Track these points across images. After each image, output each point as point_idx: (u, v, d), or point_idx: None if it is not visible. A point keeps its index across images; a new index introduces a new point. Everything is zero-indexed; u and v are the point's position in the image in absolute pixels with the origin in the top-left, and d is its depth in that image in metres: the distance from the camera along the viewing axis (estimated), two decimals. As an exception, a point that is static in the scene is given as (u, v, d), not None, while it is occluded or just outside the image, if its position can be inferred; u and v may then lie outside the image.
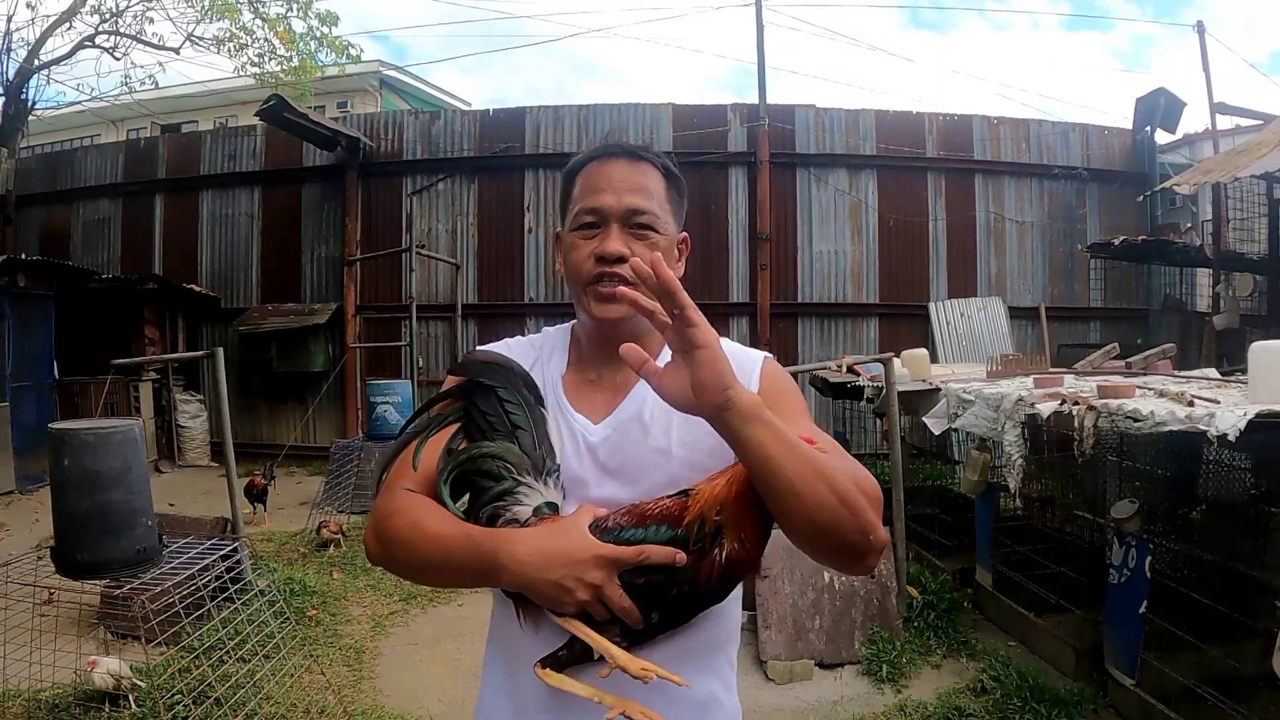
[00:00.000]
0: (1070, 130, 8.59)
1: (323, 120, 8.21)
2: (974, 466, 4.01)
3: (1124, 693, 2.85)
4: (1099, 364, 5.02)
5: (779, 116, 8.12)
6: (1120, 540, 2.93)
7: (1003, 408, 3.32)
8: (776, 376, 0.98)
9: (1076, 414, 2.83)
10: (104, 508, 2.63)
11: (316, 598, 4.06)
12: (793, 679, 3.24)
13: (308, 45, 8.97)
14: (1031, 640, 3.51)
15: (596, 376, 0.98)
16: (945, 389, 4.01)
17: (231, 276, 8.95)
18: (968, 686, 3.12)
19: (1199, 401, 2.54)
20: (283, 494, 6.83)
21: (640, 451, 0.92)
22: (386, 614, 4.01)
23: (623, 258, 0.89)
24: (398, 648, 3.65)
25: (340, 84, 11.19)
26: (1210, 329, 6.89)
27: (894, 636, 3.42)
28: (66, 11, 9.61)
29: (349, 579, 4.45)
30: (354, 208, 8.47)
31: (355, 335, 8.40)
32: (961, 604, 3.88)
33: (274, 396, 8.66)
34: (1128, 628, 2.86)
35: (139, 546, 2.70)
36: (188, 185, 9.07)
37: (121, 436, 2.72)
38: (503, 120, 8.41)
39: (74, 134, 14.09)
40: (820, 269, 8.15)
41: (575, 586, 0.76)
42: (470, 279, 8.30)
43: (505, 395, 0.88)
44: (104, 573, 2.71)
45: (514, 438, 0.86)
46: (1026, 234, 8.41)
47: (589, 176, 0.96)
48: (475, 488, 0.86)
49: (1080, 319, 8.47)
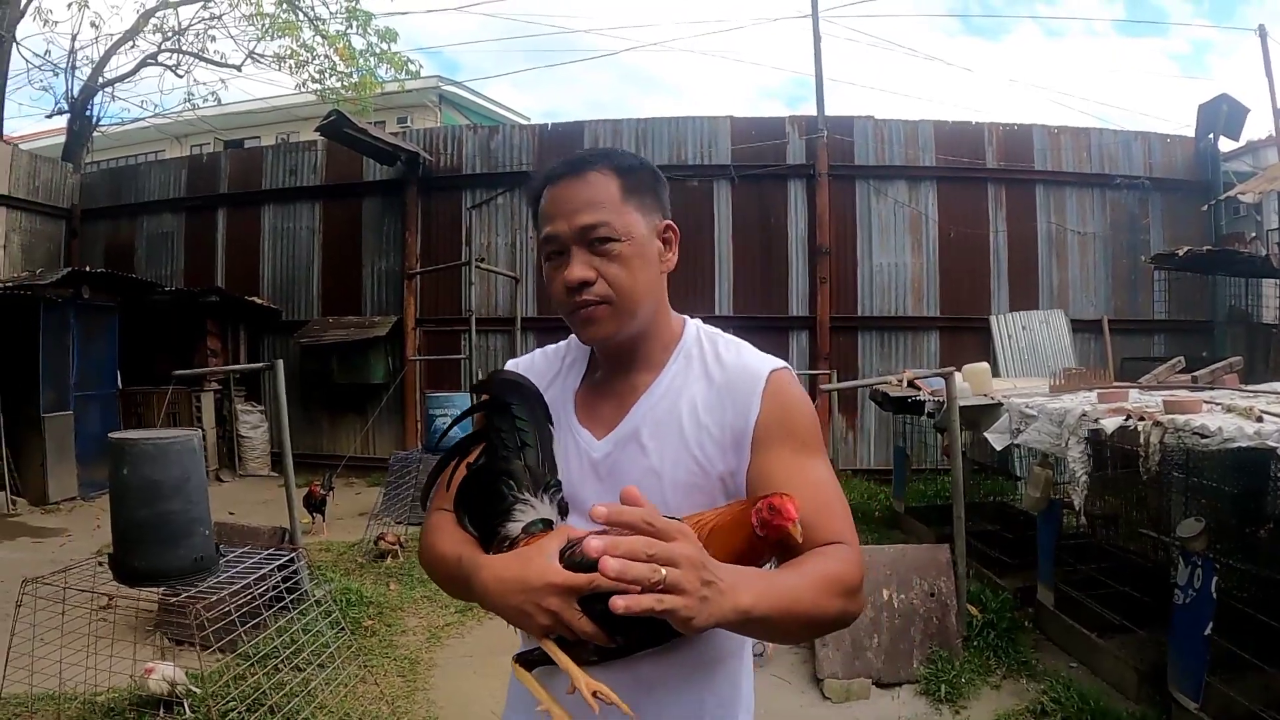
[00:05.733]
0: (1132, 139, 8.47)
1: (383, 135, 8.34)
2: (1036, 483, 3.97)
3: (1187, 716, 2.81)
4: (1164, 378, 4.94)
5: (837, 128, 8.10)
6: (1186, 559, 2.87)
7: (1066, 423, 3.26)
8: (782, 400, 0.93)
9: (1142, 430, 2.76)
10: (162, 517, 2.65)
11: (372, 608, 4.07)
12: (849, 698, 3.21)
13: (367, 61, 9.10)
14: (1093, 661, 3.45)
15: (607, 389, 1.00)
16: (1007, 404, 3.97)
17: (293, 289, 9.11)
18: (1028, 708, 3.07)
19: (1268, 417, 2.48)
20: (341, 504, 6.93)
21: (636, 471, 0.93)
22: (442, 625, 4.01)
23: (586, 282, 0.91)
24: (452, 659, 3.65)
25: (400, 99, 11.36)
26: (1278, 341, 6.74)
27: (953, 656, 3.37)
28: (129, 31, 9.87)
29: (405, 590, 4.46)
30: (413, 222, 8.59)
31: (415, 348, 8.51)
32: (1022, 623, 3.83)
33: (334, 408, 8.80)
34: (1192, 649, 2.81)
35: (196, 555, 2.72)
36: (250, 199, 9.25)
37: (180, 447, 2.73)
38: (561, 134, 8.48)
39: (139, 149, 14.41)
40: (880, 282, 8.11)
41: (534, 612, 0.77)
42: (530, 292, 8.37)
43: (518, 413, 0.91)
44: (161, 580, 2.74)
45: (520, 455, 0.89)
46: (1088, 245, 8.29)
47: (545, 205, 0.96)
48: (482, 505, 0.90)
49: (1144, 331, 8.34)
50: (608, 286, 0.92)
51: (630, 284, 0.93)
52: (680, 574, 0.68)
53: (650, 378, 0.98)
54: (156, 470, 2.67)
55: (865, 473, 7.74)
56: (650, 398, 0.96)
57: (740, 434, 0.92)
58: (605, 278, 0.92)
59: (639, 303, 0.94)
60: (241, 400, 9.14)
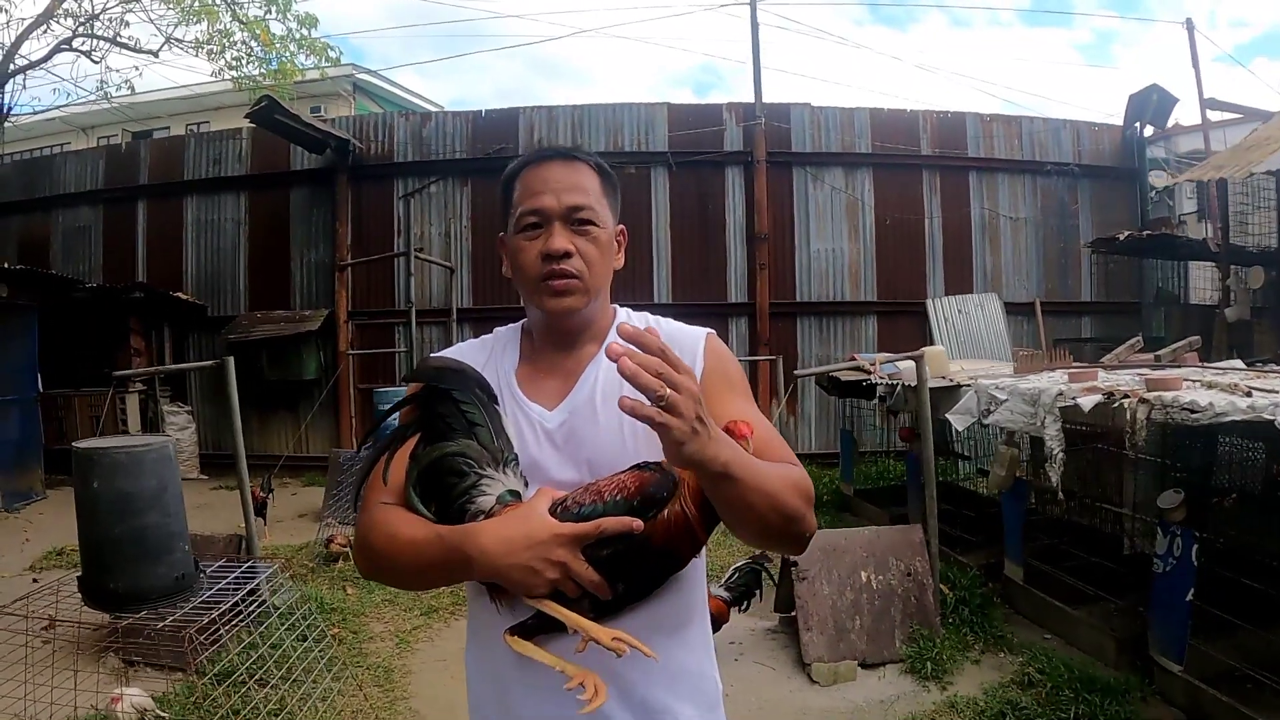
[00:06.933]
0: (1061, 127, 8.65)
1: (315, 122, 8.06)
2: (1003, 462, 4.01)
3: (1171, 679, 2.88)
4: (1125, 357, 5.01)
5: (774, 115, 8.09)
6: (1164, 530, 2.94)
7: (1041, 402, 3.29)
8: (720, 355, 1.04)
9: (1128, 407, 2.78)
10: (139, 532, 2.44)
11: (336, 615, 3.90)
12: (837, 680, 3.21)
13: (286, 48, 8.78)
14: (1068, 632, 3.52)
15: (549, 366, 1.04)
16: (975, 385, 3.98)
17: (218, 284, 8.75)
18: (1012, 680, 3.11)
19: (1256, 392, 2.51)
20: (279, 506, 6.67)
21: (594, 432, 0.97)
22: (409, 629, 3.88)
23: (569, 253, 0.96)
24: (427, 664, 3.51)
25: (314, 88, 10.95)
26: (1221, 321, 6.93)
27: (934, 634, 3.40)
28: (42, 15, 9.34)
29: (364, 594, 4.31)
30: (344, 211, 8.32)
31: (348, 341, 8.25)
32: (993, 599, 3.89)
33: (265, 406, 8.48)
34: (1174, 616, 2.88)
35: (178, 573, 2.52)
36: (171, 191, 8.87)
37: (156, 455, 2.54)
38: (495, 121, 8.31)
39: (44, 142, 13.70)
40: (818, 268, 8.13)
41: (543, 567, 0.79)
42: (465, 283, 8.18)
43: (461, 397, 0.91)
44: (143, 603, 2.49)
45: (472, 434, 0.90)
46: (1021, 230, 8.45)
47: (527, 181, 1.00)
48: (443, 487, 0.89)
49: (1075, 313, 8.53)
50: (583, 263, 0.98)
51: (601, 267, 1.00)
52: (680, 399, 0.71)
53: (593, 350, 1.03)
54: (129, 481, 2.46)
55: (806, 457, 7.72)
56: (597, 366, 1.01)
57: None
58: (581, 255, 0.98)
59: (601, 286, 1.02)
60: (168, 401, 8.74)
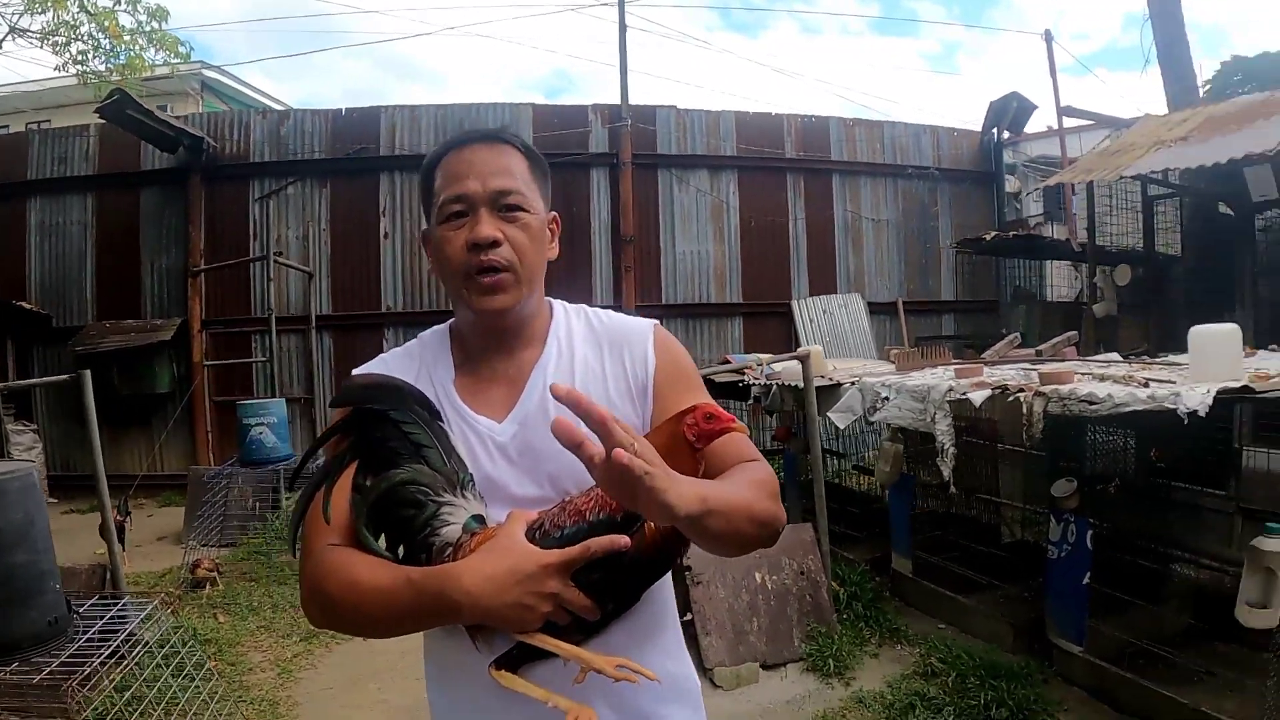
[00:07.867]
0: (922, 131, 8.97)
1: (169, 118, 7.67)
2: (887, 458, 4.10)
3: (1071, 660, 2.98)
4: (1004, 353, 5.17)
5: (640, 117, 8.12)
6: (1058, 517, 3.03)
7: (931, 398, 3.32)
8: (670, 349, 1.00)
9: (1024, 400, 2.82)
10: (5, 574, 2.16)
11: (210, 646, 3.65)
12: (740, 683, 3.19)
13: (136, 41, 8.34)
14: (962, 620, 3.59)
15: (490, 373, 0.96)
16: (860, 383, 4.02)
17: (64, 292, 8.22)
18: (915, 671, 3.15)
19: (1153, 383, 2.58)
20: (137, 529, 6.24)
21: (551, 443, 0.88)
22: (290, 657, 3.67)
23: (497, 241, 0.89)
24: (312, 694, 3.31)
25: (160, 86, 10.39)
26: (1089, 317, 7.29)
27: (831, 631, 3.44)
28: None
29: (237, 621, 4.08)
30: (197, 214, 7.95)
31: (202, 352, 7.89)
32: (883, 593, 3.95)
33: (116, 423, 7.99)
34: (1072, 600, 2.97)
35: (50, 617, 2.23)
36: (12, 191, 8.26)
37: (19, 484, 2.25)
38: (357, 120, 8.08)
39: None
40: (684, 270, 8.21)
41: (535, 602, 0.75)
42: (324, 289, 7.93)
43: (399, 416, 0.84)
44: (13, 654, 2.18)
45: (420, 458, 0.83)
46: (883, 231, 8.72)
47: (449, 166, 0.93)
48: (397, 519, 0.82)
49: (936, 312, 8.86)
50: (513, 252, 0.90)
51: (533, 255, 0.93)
52: (647, 451, 0.69)
53: (535, 353, 0.97)
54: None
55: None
56: (543, 370, 0.95)
57: (643, 384, 0.96)
58: (511, 243, 0.90)
59: (535, 278, 0.94)
60: (12, 420, 8.20)
